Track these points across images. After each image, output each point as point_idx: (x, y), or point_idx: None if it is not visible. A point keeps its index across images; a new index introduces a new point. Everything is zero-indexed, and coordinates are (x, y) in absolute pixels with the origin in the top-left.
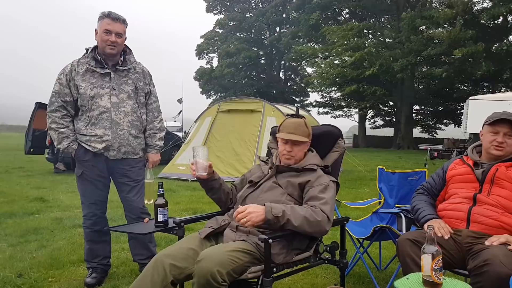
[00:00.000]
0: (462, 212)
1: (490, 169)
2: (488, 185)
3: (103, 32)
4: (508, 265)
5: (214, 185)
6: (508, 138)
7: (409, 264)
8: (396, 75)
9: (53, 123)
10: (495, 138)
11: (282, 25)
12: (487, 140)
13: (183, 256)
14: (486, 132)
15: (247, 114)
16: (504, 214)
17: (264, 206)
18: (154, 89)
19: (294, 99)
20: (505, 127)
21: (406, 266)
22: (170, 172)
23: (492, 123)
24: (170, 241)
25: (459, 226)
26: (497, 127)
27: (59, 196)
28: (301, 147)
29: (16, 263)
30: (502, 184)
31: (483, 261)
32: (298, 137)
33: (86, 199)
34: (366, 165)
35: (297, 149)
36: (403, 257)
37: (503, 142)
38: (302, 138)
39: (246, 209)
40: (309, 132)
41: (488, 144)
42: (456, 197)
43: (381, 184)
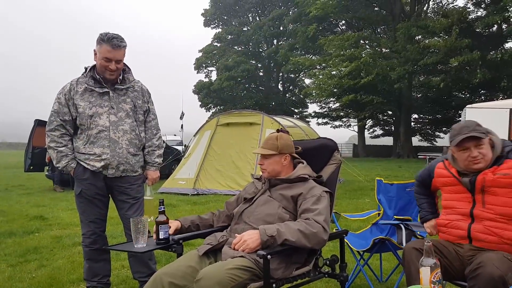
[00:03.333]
0: (462, 230)
1: (477, 178)
2: (480, 195)
3: (103, 59)
4: (501, 267)
5: (191, 230)
6: (480, 149)
7: (414, 273)
8: (393, 85)
9: (52, 142)
10: (468, 154)
11: (279, 38)
12: (462, 159)
13: (182, 274)
14: (456, 151)
15: (246, 126)
16: (504, 227)
17: (257, 230)
18: (153, 107)
19: (293, 111)
20: (471, 141)
21: (410, 275)
22: (170, 187)
23: (457, 144)
24: (170, 257)
25: (461, 242)
26: (464, 145)
27: (59, 214)
28: (270, 160)
29: (16, 284)
30: (495, 192)
31: (477, 264)
32: (263, 151)
33: (85, 217)
34: (366, 174)
35: (267, 162)
36: (408, 266)
37: (477, 155)
38: (267, 151)
39: (241, 237)
40: (279, 146)
41: (465, 162)
42: (453, 213)
43: (380, 195)
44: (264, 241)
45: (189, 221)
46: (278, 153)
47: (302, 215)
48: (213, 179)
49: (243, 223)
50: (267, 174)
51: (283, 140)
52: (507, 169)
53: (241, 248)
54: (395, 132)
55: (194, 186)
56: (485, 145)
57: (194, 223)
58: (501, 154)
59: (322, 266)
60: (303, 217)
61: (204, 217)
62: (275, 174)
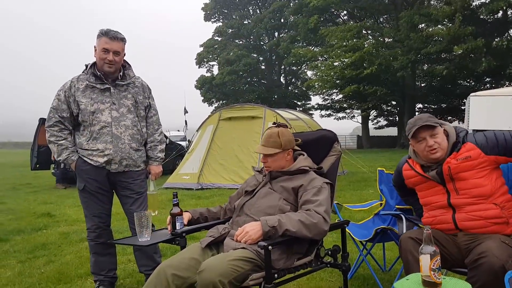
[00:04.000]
0: (449, 223)
1: (443, 168)
2: (451, 184)
3: (101, 51)
4: (500, 256)
5: (199, 222)
6: (435, 138)
7: (412, 262)
8: (396, 74)
9: (52, 136)
10: (424, 144)
11: (280, 30)
12: (420, 150)
13: (185, 266)
14: (415, 143)
15: (248, 120)
16: (485, 208)
17: (259, 222)
18: (153, 103)
19: (296, 103)
20: (425, 131)
21: (408, 265)
22: (174, 182)
23: (414, 135)
24: (175, 251)
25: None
26: (419, 135)
27: (65, 211)
28: (274, 157)
29: (25, 279)
30: (463, 176)
31: (477, 254)
32: (267, 150)
33: (89, 212)
34: (371, 166)
35: (271, 160)
36: (405, 256)
37: (433, 144)
38: (271, 150)
39: (243, 229)
40: (281, 142)
41: (424, 153)
42: (433, 208)
43: (382, 185)
44: (265, 232)
45: (198, 213)
46: (282, 150)
47: (303, 206)
48: (216, 173)
49: (245, 215)
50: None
51: (285, 136)
52: (466, 152)
53: (243, 239)
54: (400, 122)
55: (198, 180)
56: (439, 134)
57: (203, 215)
58: (457, 140)
59: (324, 256)
60: (304, 208)
61: (213, 210)
62: (280, 169)
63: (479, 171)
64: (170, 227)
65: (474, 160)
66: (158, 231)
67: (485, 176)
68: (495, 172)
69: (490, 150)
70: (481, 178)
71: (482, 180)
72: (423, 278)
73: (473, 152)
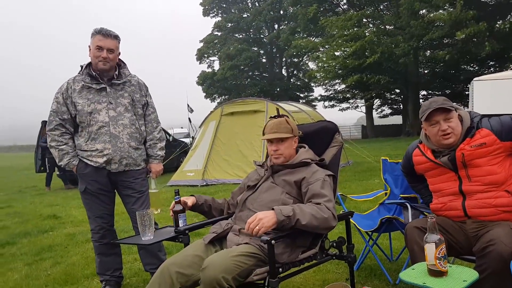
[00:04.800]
0: (458, 210)
1: (455, 155)
2: (464, 171)
3: (95, 49)
4: (510, 244)
5: (203, 209)
6: (449, 122)
7: (418, 252)
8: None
9: (53, 141)
10: (437, 128)
11: (280, 22)
12: (433, 134)
13: (188, 263)
14: (427, 127)
15: (251, 115)
16: (496, 196)
17: (272, 210)
18: (151, 100)
19: (298, 95)
20: (439, 114)
21: (414, 254)
22: (179, 179)
23: (427, 117)
24: (180, 248)
25: (461, 220)
26: (432, 118)
27: (71, 212)
28: (286, 143)
29: (32, 282)
30: (477, 163)
31: (486, 242)
32: (280, 134)
33: (92, 213)
34: (376, 155)
35: (283, 147)
36: (411, 245)
37: (447, 128)
38: (285, 135)
39: (256, 217)
40: (292, 128)
41: (436, 137)
42: (443, 195)
43: (386, 174)
44: (280, 221)
45: (203, 199)
46: (293, 135)
47: (312, 199)
48: (221, 169)
49: (247, 210)
50: (283, 159)
51: (292, 123)
52: (481, 138)
53: (256, 227)
54: (404, 110)
55: (202, 177)
56: (454, 119)
57: (207, 203)
58: (471, 125)
59: (329, 249)
60: (313, 201)
61: (218, 201)
62: (290, 158)
63: (493, 157)
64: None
65: (489, 147)
66: (161, 229)
67: (499, 163)
68: (509, 159)
69: (505, 135)
70: (495, 165)
71: (496, 167)
72: (429, 267)
73: (488, 138)
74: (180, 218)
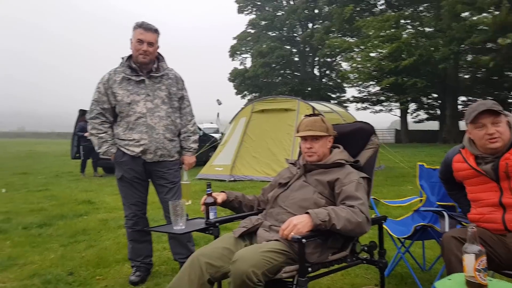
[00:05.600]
0: (497, 223)
1: (499, 164)
2: (506, 182)
3: (136, 42)
4: None
5: (234, 205)
6: (497, 127)
7: (455, 263)
8: (438, 65)
9: (93, 129)
10: (484, 132)
11: (314, 21)
12: (478, 137)
13: (218, 255)
14: (473, 130)
15: (281, 113)
16: None
17: (306, 215)
18: (187, 94)
19: (330, 96)
20: (487, 117)
21: (451, 265)
22: (207, 173)
23: (474, 119)
24: (208, 240)
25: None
26: (479, 121)
27: (104, 198)
28: (321, 142)
29: (67, 262)
30: None
31: None
32: (315, 132)
33: (127, 200)
34: (409, 161)
35: (317, 145)
36: (448, 256)
37: (494, 132)
38: (319, 133)
39: (290, 222)
40: (328, 127)
41: (482, 141)
42: (482, 205)
43: (422, 181)
44: (316, 225)
45: (233, 196)
46: (328, 134)
47: (346, 201)
48: (249, 165)
49: (278, 207)
50: (317, 157)
51: (327, 122)
52: None
53: (290, 234)
54: (441, 116)
55: (231, 172)
56: (503, 124)
57: (237, 199)
58: None
59: (360, 252)
60: (347, 203)
61: (248, 197)
62: (324, 157)
63: None
64: (211, 214)
65: None
66: (191, 220)
67: None
68: None
69: None
70: None
71: None
72: (467, 279)
73: None
74: (211, 211)
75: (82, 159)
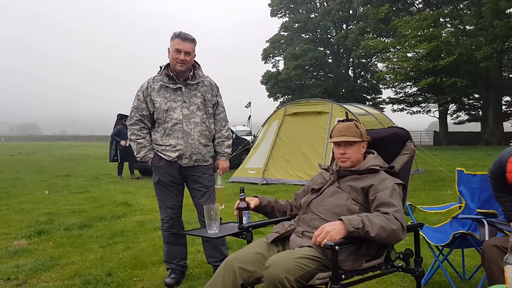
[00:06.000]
0: None
1: None
2: None
3: (174, 51)
4: None
5: (266, 210)
6: None
7: (496, 273)
8: (479, 64)
9: (133, 135)
10: None
11: (348, 22)
12: None
13: (251, 260)
14: None
15: (315, 116)
16: None
17: (339, 221)
18: (221, 100)
19: (365, 97)
20: None
21: (492, 275)
22: (240, 176)
23: None
24: (241, 244)
25: None
26: None
27: (141, 201)
28: (354, 147)
29: (106, 263)
30: None
31: None
32: (348, 138)
33: (163, 203)
34: (449, 164)
35: (350, 151)
36: (489, 265)
37: None
38: (353, 138)
39: (323, 229)
40: (361, 133)
41: None
42: None
43: (461, 187)
44: (349, 232)
45: (266, 201)
46: (361, 140)
47: (380, 208)
48: (282, 169)
49: (311, 213)
50: (350, 163)
51: (362, 128)
52: None
53: (323, 241)
54: (483, 117)
55: (263, 175)
56: None
57: (270, 204)
58: None
59: (395, 260)
60: (381, 210)
61: (280, 202)
62: (357, 162)
63: None
64: (245, 219)
65: None
66: (225, 224)
67: None
68: None
69: None
70: None
71: None
72: None
73: None
74: (244, 215)
75: (119, 162)
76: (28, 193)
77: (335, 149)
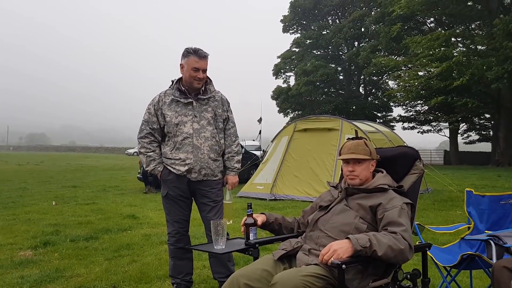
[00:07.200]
0: None
1: None
2: None
3: (192, 70)
4: None
5: (273, 227)
6: None
7: None
8: (490, 85)
9: (142, 148)
10: None
11: (360, 39)
12: None
13: (257, 277)
14: None
15: (325, 132)
16: None
17: (347, 240)
18: (231, 115)
19: (375, 115)
20: None
21: None
22: (248, 191)
23: None
24: (248, 260)
25: None
26: None
27: (148, 214)
28: (363, 165)
29: (111, 276)
30: None
31: None
32: (357, 155)
33: (171, 217)
34: (459, 184)
35: (359, 168)
36: (498, 286)
37: None
38: (362, 156)
39: (330, 247)
40: (371, 151)
41: None
42: None
43: (470, 207)
44: (356, 251)
45: (273, 218)
46: (371, 158)
47: (388, 228)
48: (290, 185)
49: (318, 231)
50: (359, 181)
51: (371, 146)
52: None
53: (330, 260)
54: (494, 137)
55: (271, 191)
56: None
57: (277, 221)
58: None
59: (402, 280)
60: (389, 230)
61: (288, 219)
62: (366, 181)
63: None
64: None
65: None
66: (232, 240)
67: None
68: None
69: None
70: None
71: None
72: None
73: None
74: (251, 232)
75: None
76: (35, 203)
77: (344, 167)
